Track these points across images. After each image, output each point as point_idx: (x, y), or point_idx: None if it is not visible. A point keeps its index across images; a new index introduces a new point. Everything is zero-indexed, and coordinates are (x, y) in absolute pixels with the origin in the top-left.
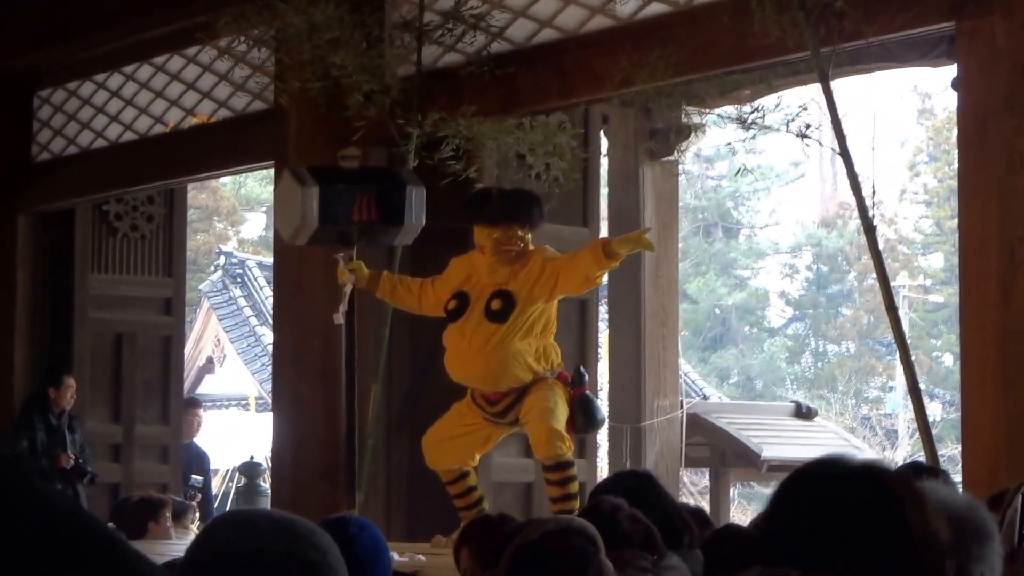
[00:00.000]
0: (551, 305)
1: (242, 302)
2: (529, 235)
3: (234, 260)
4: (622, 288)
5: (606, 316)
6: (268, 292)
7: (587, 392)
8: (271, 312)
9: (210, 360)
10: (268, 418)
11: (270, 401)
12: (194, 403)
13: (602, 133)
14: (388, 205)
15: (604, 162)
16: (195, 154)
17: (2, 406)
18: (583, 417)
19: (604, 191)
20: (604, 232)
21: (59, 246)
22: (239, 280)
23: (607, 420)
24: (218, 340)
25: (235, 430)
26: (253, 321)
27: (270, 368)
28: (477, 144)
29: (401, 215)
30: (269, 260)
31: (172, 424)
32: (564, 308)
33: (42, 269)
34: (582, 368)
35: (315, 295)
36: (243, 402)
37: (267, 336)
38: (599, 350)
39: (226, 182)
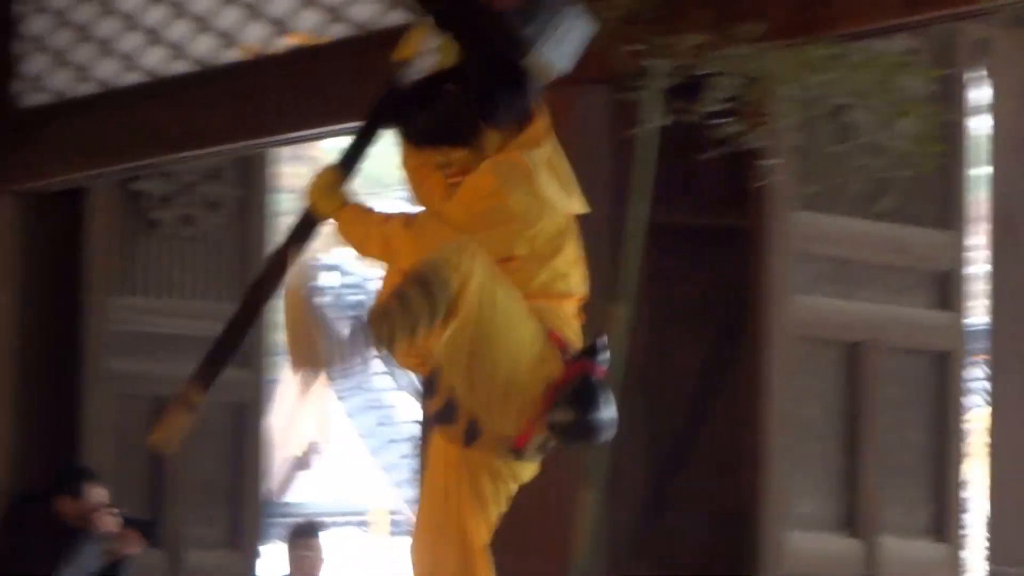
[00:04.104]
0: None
1: None
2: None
3: (353, 278)
4: (1016, 331)
5: (985, 383)
6: None
7: (594, 374)
8: None
9: (311, 448)
10: (406, 547)
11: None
12: (309, 532)
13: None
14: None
15: (985, 123)
16: (289, 99)
17: None
18: (573, 410)
19: (982, 171)
20: (978, 242)
21: (61, 248)
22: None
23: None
24: (324, 414)
25: (347, 566)
26: (387, 380)
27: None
28: (765, 88)
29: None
30: None
31: (246, 550)
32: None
33: (34, 285)
34: (601, 340)
35: None
36: (360, 519)
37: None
38: (964, 442)
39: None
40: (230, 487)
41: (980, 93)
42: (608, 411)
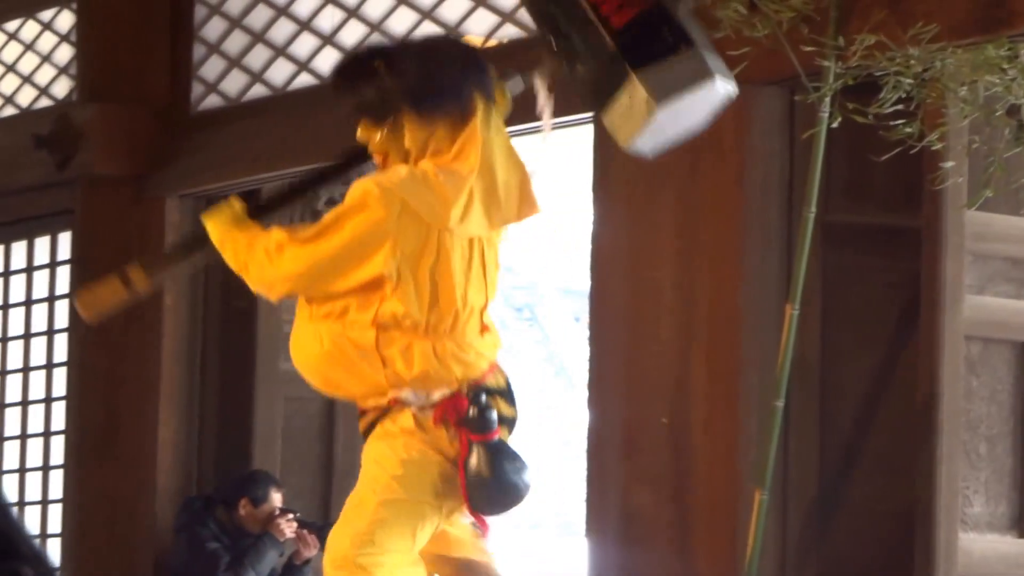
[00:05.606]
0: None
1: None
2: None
3: (522, 279)
4: None
5: None
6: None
7: (495, 438)
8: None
9: None
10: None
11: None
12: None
13: None
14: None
15: None
16: None
17: (144, 506)
18: (486, 485)
19: None
20: None
21: None
22: (530, 318)
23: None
24: None
25: (519, 566)
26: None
27: None
28: (940, 89)
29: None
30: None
31: None
32: None
33: (205, 288)
34: (483, 397)
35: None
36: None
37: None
38: None
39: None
40: None
41: None
42: (523, 478)
